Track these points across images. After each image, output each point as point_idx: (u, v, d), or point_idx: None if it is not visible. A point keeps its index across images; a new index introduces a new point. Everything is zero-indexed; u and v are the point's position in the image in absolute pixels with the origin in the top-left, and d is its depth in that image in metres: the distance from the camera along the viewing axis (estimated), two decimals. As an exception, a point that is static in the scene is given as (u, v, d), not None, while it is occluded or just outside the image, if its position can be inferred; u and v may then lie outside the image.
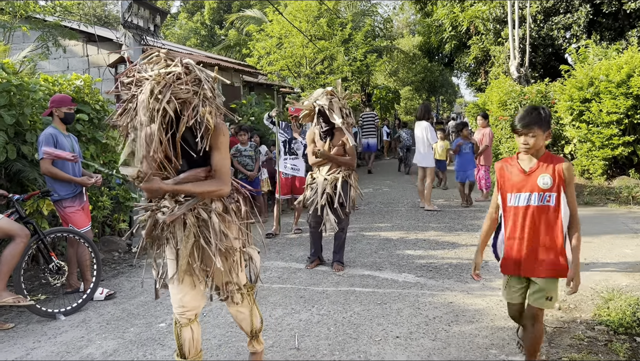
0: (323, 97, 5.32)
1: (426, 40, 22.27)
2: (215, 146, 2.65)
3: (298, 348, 3.58)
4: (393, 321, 3.98)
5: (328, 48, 14.60)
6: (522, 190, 2.79)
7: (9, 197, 4.26)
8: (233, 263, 2.80)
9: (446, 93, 41.96)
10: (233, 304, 2.95)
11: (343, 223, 5.39)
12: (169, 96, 2.40)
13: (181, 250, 2.63)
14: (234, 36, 22.63)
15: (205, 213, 2.65)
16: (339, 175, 5.34)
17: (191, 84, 2.49)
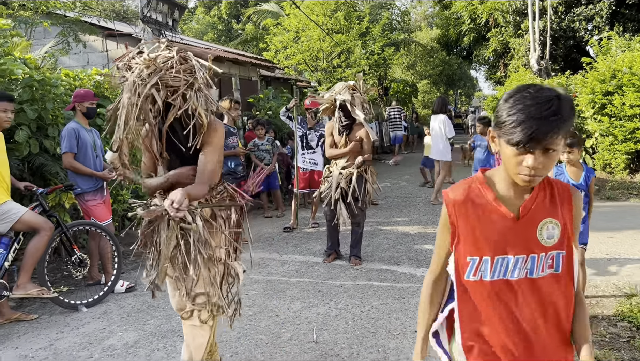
0: (345, 91, 5.26)
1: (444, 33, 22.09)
2: (206, 144, 2.53)
3: (316, 341, 3.59)
4: (411, 316, 3.97)
5: (345, 41, 14.53)
6: (507, 253, 1.49)
7: (34, 190, 4.34)
8: (212, 275, 2.59)
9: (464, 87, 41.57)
10: (195, 321, 2.64)
11: (358, 218, 5.34)
12: (156, 81, 2.30)
13: (162, 251, 2.49)
14: (250, 30, 22.66)
15: (190, 217, 2.47)
16: (354, 169, 5.29)
17: (185, 74, 2.39)
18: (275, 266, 5.51)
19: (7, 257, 4.00)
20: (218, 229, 2.61)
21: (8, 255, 4.01)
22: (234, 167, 6.19)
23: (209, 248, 2.53)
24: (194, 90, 2.39)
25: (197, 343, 2.67)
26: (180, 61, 2.41)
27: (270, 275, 5.20)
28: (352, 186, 5.20)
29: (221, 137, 2.58)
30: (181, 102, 2.36)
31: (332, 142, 5.48)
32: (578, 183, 3.76)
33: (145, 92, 2.29)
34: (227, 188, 2.74)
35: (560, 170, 3.82)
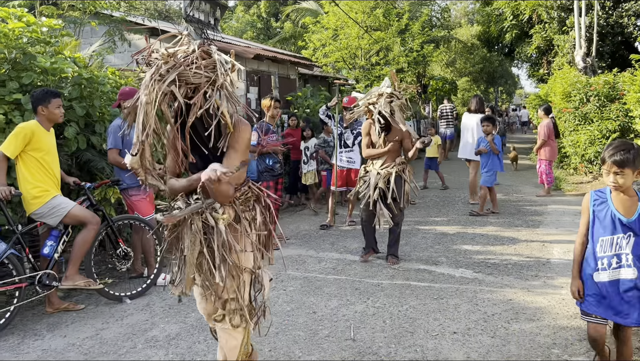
0: (383, 102, 5.08)
1: (485, 29, 21.67)
2: (231, 145, 2.40)
3: (354, 339, 3.60)
4: (450, 317, 3.93)
5: (384, 39, 14.46)
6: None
7: (82, 184, 4.50)
8: (240, 280, 2.51)
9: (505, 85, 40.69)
10: (227, 325, 2.58)
11: (397, 218, 5.30)
12: (174, 77, 2.15)
13: (188, 257, 2.43)
14: (289, 28, 22.79)
15: (213, 220, 2.39)
16: (392, 169, 5.21)
17: (207, 70, 2.24)
18: (313, 263, 5.54)
19: (56, 249, 4.17)
20: (241, 232, 2.49)
21: (57, 247, 4.18)
22: (271, 165, 6.24)
23: (234, 253, 2.43)
24: (216, 88, 2.25)
25: (230, 346, 2.65)
26: (202, 56, 2.27)
27: (307, 271, 5.24)
28: (391, 186, 5.13)
29: (247, 138, 2.45)
30: (202, 101, 2.21)
31: (370, 142, 5.40)
32: (630, 220, 2.60)
33: (163, 89, 2.14)
34: (251, 188, 2.61)
35: (601, 197, 2.71)
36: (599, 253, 2.65)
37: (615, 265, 2.60)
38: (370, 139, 5.40)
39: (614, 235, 2.61)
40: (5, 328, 3.87)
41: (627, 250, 2.57)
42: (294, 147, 8.58)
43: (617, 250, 2.60)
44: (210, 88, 2.24)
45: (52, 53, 5.24)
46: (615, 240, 2.61)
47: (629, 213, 2.60)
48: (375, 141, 5.35)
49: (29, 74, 4.79)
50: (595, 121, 10.36)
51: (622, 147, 2.51)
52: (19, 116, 4.61)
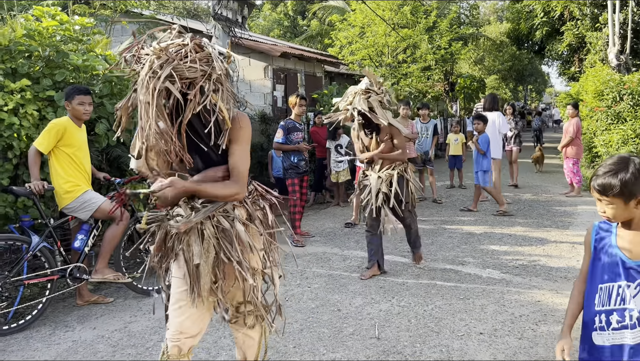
0: (359, 100, 4.72)
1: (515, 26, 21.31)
2: (233, 141, 2.26)
3: (378, 337, 3.58)
4: (476, 317, 3.88)
5: (411, 36, 14.35)
6: None
7: (111, 180, 4.59)
8: (253, 285, 2.37)
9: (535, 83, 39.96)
10: (243, 327, 2.54)
11: (407, 220, 5.05)
12: (169, 72, 2.02)
13: (202, 266, 2.25)
14: (316, 26, 22.81)
15: (227, 222, 2.28)
16: (393, 171, 4.89)
17: (202, 63, 2.10)
18: (337, 261, 5.54)
19: (87, 243, 4.26)
20: (256, 231, 2.40)
21: (88, 240, 4.27)
22: (296, 162, 6.26)
23: (254, 253, 2.34)
24: (212, 82, 2.11)
25: (247, 345, 2.64)
26: (195, 49, 2.13)
27: (332, 269, 5.24)
28: (393, 189, 4.82)
29: (249, 132, 2.32)
30: (199, 96, 2.09)
31: (362, 147, 5.07)
32: (636, 263, 1.84)
33: (159, 86, 2.01)
34: (257, 187, 2.53)
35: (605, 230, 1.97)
36: (597, 306, 1.92)
37: (616, 324, 1.87)
38: (362, 143, 5.08)
39: (616, 282, 1.88)
40: (38, 319, 3.97)
41: (631, 304, 1.83)
42: (319, 144, 8.58)
43: (618, 304, 1.86)
44: (207, 82, 2.11)
45: (84, 51, 5.34)
46: (616, 289, 1.88)
47: (634, 254, 1.86)
48: (367, 144, 5.02)
49: (62, 71, 4.90)
50: (629, 120, 10.09)
51: (612, 166, 1.82)
52: (52, 112, 4.72)
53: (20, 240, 3.98)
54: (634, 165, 1.79)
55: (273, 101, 11.01)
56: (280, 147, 6.33)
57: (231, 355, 3.41)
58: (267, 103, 10.96)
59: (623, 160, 1.82)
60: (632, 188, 1.78)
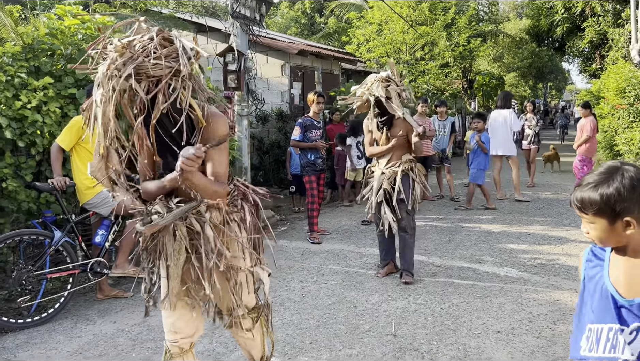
0: (378, 86, 4.57)
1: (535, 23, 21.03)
2: (208, 140, 2.15)
3: (395, 334, 3.59)
4: (494, 316, 3.86)
5: (429, 33, 14.27)
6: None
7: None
8: (236, 285, 2.34)
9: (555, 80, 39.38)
10: (242, 330, 2.49)
11: (403, 223, 4.66)
12: (131, 70, 1.92)
13: (171, 268, 2.21)
14: (333, 24, 22.78)
15: (198, 225, 2.20)
16: (398, 168, 4.68)
17: (169, 59, 1.99)
18: (354, 258, 5.55)
19: (107, 238, 4.33)
20: (230, 235, 2.31)
21: (108, 236, 4.34)
22: (313, 160, 6.27)
23: (224, 258, 2.24)
24: (180, 79, 2.01)
25: (249, 346, 2.64)
26: (162, 44, 2.03)
27: (348, 266, 5.25)
28: (396, 186, 4.60)
29: (225, 129, 2.20)
30: (167, 94, 1.99)
31: (372, 140, 4.89)
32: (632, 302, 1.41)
33: (120, 86, 1.93)
34: (237, 186, 2.44)
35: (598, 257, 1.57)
36: (583, 351, 1.51)
37: None
38: (372, 136, 4.89)
39: (606, 323, 1.46)
40: (60, 312, 4.06)
41: (625, 353, 1.41)
42: (341, 141, 8.59)
43: (608, 352, 1.44)
44: (174, 79, 2.00)
45: (105, 49, 5.42)
46: (606, 332, 1.46)
47: (632, 288, 1.42)
48: (378, 138, 4.84)
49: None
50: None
51: (596, 177, 1.45)
52: (74, 110, 4.80)
53: (43, 235, 4.07)
54: (621, 178, 1.41)
55: (290, 99, 11.04)
56: (297, 145, 6.36)
57: (248, 350, 3.44)
58: (284, 101, 11.00)
59: (610, 171, 1.44)
60: (615, 206, 1.40)
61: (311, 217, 6.40)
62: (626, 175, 1.41)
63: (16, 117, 4.44)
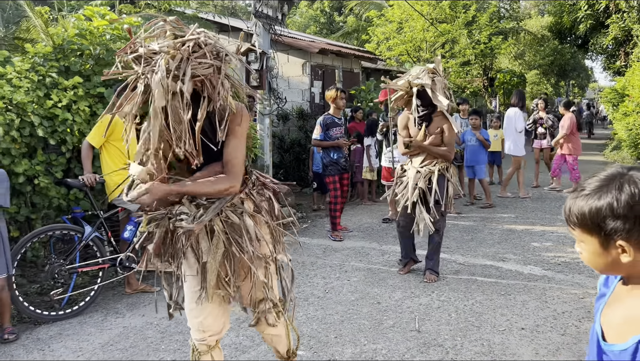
0: (424, 75, 4.45)
1: (557, 20, 20.76)
2: (230, 133, 2.16)
3: (419, 330, 3.61)
4: (518, 313, 3.86)
5: (450, 31, 14.20)
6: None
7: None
8: (268, 275, 2.37)
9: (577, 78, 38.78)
10: (267, 327, 2.48)
11: (438, 224, 4.58)
12: (190, 73, 1.93)
13: (209, 263, 2.20)
14: (352, 22, 22.77)
15: (236, 216, 2.22)
16: (434, 167, 4.55)
17: (212, 57, 2.01)
18: (376, 255, 5.57)
19: (136, 233, 4.43)
20: (263, 222, 2.35)
21: (137, 231, 4.44)
22: (336, 158, 6.24)
23: (263, 245, 2.31)
24: (222, 76, 2.02)
25: (275, 342, 2.65)
26: (204, 42, 2.03)
27: (370, 263, 5.28)
28: (433, 187, 4.50)
29: (247, 121, 2.23)
30: (211, 93, 2.00)
31: (408, 136, 4.74)
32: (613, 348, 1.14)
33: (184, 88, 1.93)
34: (258, 177, 2.46)
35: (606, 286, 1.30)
36: None
37: None
38: (408, 133, 4.76)
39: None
40: (90, 305, 4.17)
41: None
42: (358, 140, 8.60)
43: None
44: (216, 77, 2.01)
45: (132, 49, 5.53)
46: None
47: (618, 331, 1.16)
48: (414, 135, 4.69)
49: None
50: (678, 116, 9.75)
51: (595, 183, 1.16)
52: (103, 108, 4.92)
53: (74, 230, 4.19)
54: (619, 189, 1.10)
55: (311, 97, 11.10)
56: (319, 144, 6.34)
57: (274, 344, 3.50)
58: (305, 100, 11.05)
59: (610, 178, 1.14)
60: (604, 224, 1.11)
61: (334, 216, 6.40)
62: (627, 187, 1.09)
63: (47, 116, 4.57)
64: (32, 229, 4.55)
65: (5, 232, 3.75)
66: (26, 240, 4.02)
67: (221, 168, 2.20)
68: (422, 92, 4.47)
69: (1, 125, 4.21)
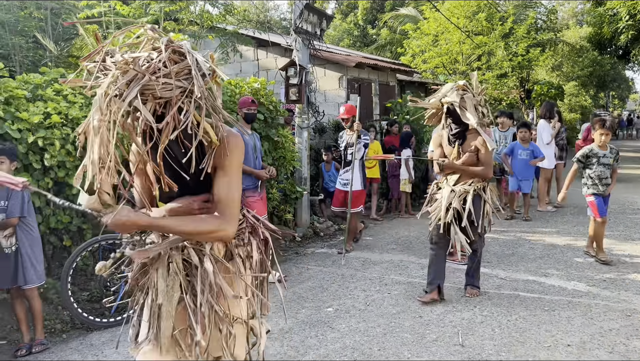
0: (453, 92, 4.33)
1: (597, 31, 20.33)
2: (219, 167, 1.89)
3: (462, 345, 3.62)
4: (563, 329, 3.82)
5: (486, 43, 14.12)
6: None
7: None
8: (229, 336, 1.97)
9: (618, 89, 37.83)
10: None
11: (475, 245, 4.45)
12: (136, 93, 1.63)
13: (164, 306, 1.90)
14: (386, 35, 22.86)
15: (197, 257, 1.92)
16: (470, 187, 4.40)
17: (179, 77, 1.71)
18: (415, 269, 5.58)
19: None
20: (235, 273, 1.99)
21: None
22: None
23: (224, 300, 1.94)
24: (193, 100, 1.71)
25: None
26: (172, 59, 1.74)
27: (410, 277, 5.29)
28: (467, 207, 4.33)
29: (238, 155, 1.93)
30: (177, 118, 1.69)
31: (442, 154, 4.59)
32: None
33: (122, 110, 1.64)
34: (246, 216, 2.14)
35: None
36: None
37: None
38: (442, 151, 4.61)
39: None
40: (139, 313, 4.31)
41: None
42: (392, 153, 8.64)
43: None
44: (187, 101, 1.71)
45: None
46: None
47: None
48: (448, 153, 4.55)
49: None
50: None
51: None
52: (151, 123, 5.11)
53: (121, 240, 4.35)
54: None
55: (347, 110, 11.19)
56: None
57: (318, 354, 3.56)
58: (341, 113, 11.14)
59: None
60: None
61: None
62: None
63: (101, 130, 4.77)
64: (83, 239, 4.74)
65: (39, 242, 3.94)
66: (80, 250, 4.21)
67: (196, 205, 1.94)
68: (452, 111, 4.35)
69: (57, 139, 4.43)
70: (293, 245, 6.97)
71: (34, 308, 3.85)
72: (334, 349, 3.64)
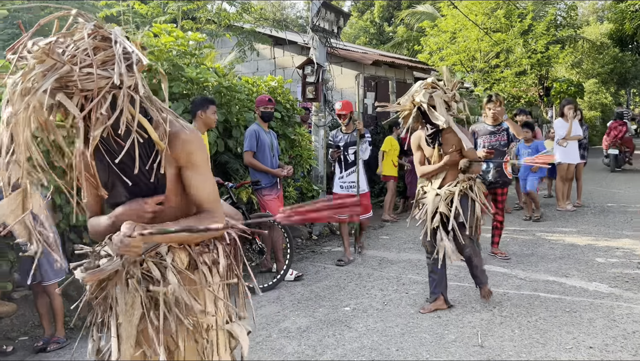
0: (422, 92, 3.98)
1: (618, 27, 19.98)
2: (186, 166, 1.77)
3: (482, 345, 3.58)
4: (585, 331, 3.76)
5: (505, 40, 13.97)
6: None
7: (225, 184, 4.92)
8: (206, 345, 1.86)
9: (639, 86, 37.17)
10: None
11: (468, 251, 4.18)
12: (50, 84, 1.45)
13: (123, 326, 1.75)
14: (402, 33, 22.73)
15: (158, 270, 1.75)
16: (455, 187, 4.15)
17: (105, 67, 1.53)
18: (433, 268, 5.53)
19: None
20: (201, 283, 1.83)
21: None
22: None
23: (192, 312, 1.78)
24: (122, 93, 1.53)
25: None
26: (97, 47, 1.56)
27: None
28: (453, 209, 4.06)
29: (203, 148, 1.81)
30: (108, 112, 1.51)
31: (423, 157, 4.32)
32: None
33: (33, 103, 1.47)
34: None
35: None
36: None
37: None
38: (422, 154, 4.32)
39: None
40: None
41: None
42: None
43: None
44: (114, 93, 1.54)
45: (197, 64, 5.76)
46: None
47: None
48: (429, 155, 4.26)
49: (177, 83, 5.32)
50: None
51: None
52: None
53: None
54: None
55: (364, 108, 11.15)
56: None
57: (336, 354, 3.55)
58: (357, 111, 11.11)
59: None
60: None
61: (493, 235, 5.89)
62: None
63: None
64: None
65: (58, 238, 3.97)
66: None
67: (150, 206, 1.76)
68: (424, 110, 4.02)
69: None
70: (309, 243, 6.98)
71: (54, 305, 3.89)
72: (351, 349, 3.62)
